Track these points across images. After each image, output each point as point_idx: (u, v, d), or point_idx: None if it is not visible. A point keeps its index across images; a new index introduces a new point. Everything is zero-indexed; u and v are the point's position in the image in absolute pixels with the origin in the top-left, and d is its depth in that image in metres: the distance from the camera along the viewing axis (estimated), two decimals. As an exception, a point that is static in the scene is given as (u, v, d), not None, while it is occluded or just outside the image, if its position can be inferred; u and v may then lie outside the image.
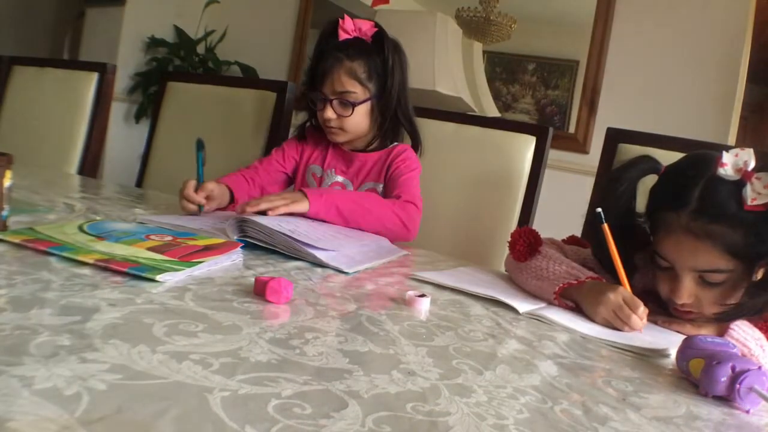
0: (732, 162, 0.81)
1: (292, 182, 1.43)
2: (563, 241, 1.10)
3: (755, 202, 0.79)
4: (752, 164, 0.80)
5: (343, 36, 1.28)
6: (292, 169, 1.42)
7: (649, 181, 0.94)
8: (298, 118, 1.50)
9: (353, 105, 1.28)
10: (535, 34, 2.40)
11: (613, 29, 2.23)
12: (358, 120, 1.30)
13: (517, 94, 2.43)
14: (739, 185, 0.80)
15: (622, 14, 2.22)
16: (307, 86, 1.33)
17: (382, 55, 1.29)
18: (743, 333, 0.82)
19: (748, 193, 0.80)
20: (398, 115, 1.34)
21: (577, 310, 0.88)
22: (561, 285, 0.88)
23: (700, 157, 0.87)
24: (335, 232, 1.06)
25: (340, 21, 1.28)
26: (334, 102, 1.29)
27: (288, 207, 1.04)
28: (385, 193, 1.30)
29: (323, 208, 1.09)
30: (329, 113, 1.29)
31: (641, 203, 0.95)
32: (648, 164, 0.92)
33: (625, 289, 0.85)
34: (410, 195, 1.26)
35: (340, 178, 1.36)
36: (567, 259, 0.96)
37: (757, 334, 0.82)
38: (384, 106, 1.31)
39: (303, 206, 1.06)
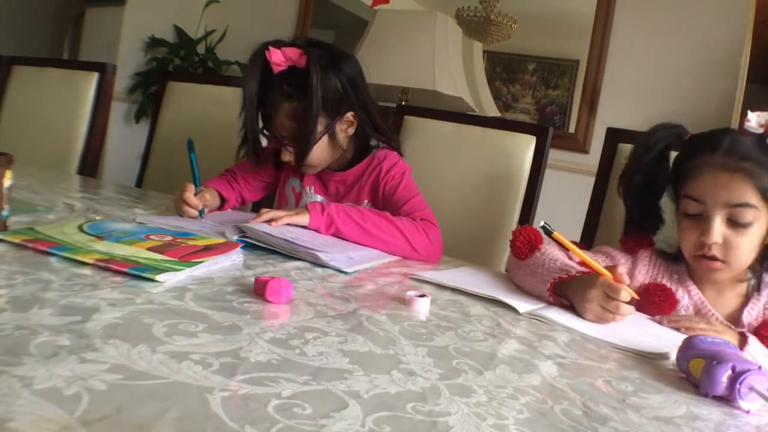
0: (755, 119, 0.93)
1: (275, 188, 1.38)
2: None
3: None
4: None
5: (276, 69, 1.13)
6: (272, 177, 1.35)
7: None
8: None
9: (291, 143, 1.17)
10: (536, 34, 2.40)
11: (613, 29, 2.22)
12: (319, 154, 1.20)
13: (518, 93, 2.43)
14: (761, 137, 0.92)
15: (622, 14, 2.22)
16: (251, 126, 1.18)
17: (329, 75, 1.15)
18: (754, 349, 0.82)
19: None
20: (366, 130, 1.24)
21: (573, 308, 0.87)
22: (552, 280, 0.88)
23: (723, 128, 0.99)
24: (337, 241, 1.06)
25: (267, 54, 1.12)
26: (287, 146, 1.18)
27: (290, 218, 1.04)
28: (387, 212, 1.16)
29: (324, 225, 1.06)
30: (287, 157, 1.19)
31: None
32: (678, 129, 1.04)
33: (605, 277, 0.84)
34: (423, 212, 1.17)
35: (319, 197, 1.28)
36: (564, 257, 0.96)
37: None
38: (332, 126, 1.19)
39: (303, 219, 1.05)
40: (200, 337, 0.51)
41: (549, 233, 0.87)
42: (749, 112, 0.95)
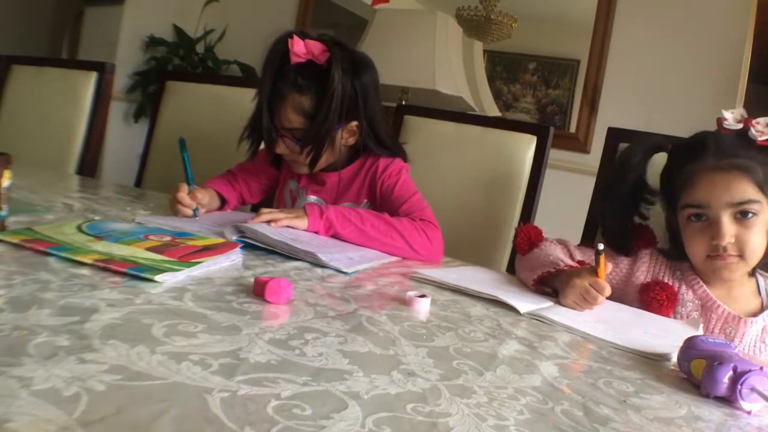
0: (731, 117, 0.96)
1: (274, 191, 1.37)
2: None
3: (763, 137, 0.93)
4: (746, 115, 0.96)
5: (294, 60, 1.11)
6: (271, 180, 1.34)
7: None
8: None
9: (301, 143, 1.15)
10: (536, 34, 2.40)
11: (614, 28, 2.22)
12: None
13: (518, 93, 2.42)
14: (741, 132, 0.94)
15: (623, 13, 2.21)
16: (259, 112, 1.16)
17: (346, 79, 1.12)
18: None
19: (754, 134, 0.93)
20: (366, 143, 1.22)
21: (555, 295, 0.92)
22: (539, 273, 0.93)
23: (701, 131, 1.01)
24: (337, 241, 1.06)
25: (290, 42, 1.10)
26: (285, 138, 1.16)
27: (290, 221, 1.03)
28: (386, 212, 1.16)
29: (323, 229, 1.06)
30: (280, 149, 1.17)
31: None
32: (657, 138, 1.07)
33: (599, 278, 0.87)
34: (422, 212, 1.15)
35: (313, 198, 1.27)
36: (559, 253, 0.99)
37: None
38: (328, 132, 1.14)
39: (302, 223, 1.05)
40: (199, 338, 0.51)
41: (599, 254, 0.87)
42: (723, 111, 0.97)
